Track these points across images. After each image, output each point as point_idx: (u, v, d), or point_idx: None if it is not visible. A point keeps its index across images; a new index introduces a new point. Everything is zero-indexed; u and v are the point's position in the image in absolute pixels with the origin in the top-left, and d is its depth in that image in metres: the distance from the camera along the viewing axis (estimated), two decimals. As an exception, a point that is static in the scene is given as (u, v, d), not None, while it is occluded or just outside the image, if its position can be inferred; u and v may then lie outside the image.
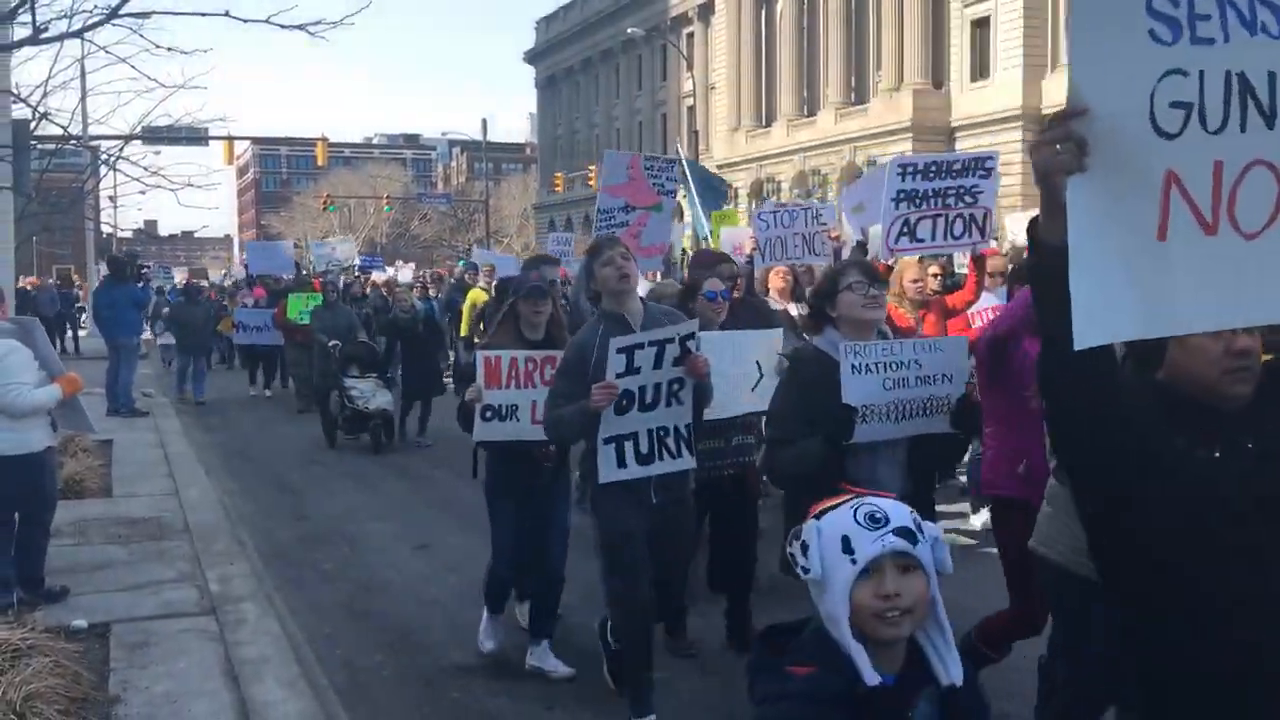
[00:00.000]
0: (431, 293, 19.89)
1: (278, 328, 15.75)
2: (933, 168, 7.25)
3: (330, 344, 12.85)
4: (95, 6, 7.94)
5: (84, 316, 27.23)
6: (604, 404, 4.22)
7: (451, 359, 15.64)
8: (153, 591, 6.43)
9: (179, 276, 32.43)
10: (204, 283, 26.97)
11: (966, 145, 41.78)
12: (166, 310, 21.12)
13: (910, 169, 7.25)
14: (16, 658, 4.74)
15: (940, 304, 7.63)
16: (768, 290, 8.25)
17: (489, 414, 5.10)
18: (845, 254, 9.28)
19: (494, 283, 13.14)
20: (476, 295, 15.16)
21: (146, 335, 19.60)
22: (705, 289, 5.64)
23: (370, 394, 12.21)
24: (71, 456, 9.54)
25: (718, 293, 5.67)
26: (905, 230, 7.21)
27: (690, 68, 57.74)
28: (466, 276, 18.49)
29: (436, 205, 73.13)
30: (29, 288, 25.98)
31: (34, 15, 8.08)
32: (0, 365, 5.78)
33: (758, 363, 5.50)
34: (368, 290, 18.86)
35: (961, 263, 9.69)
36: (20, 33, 8.97)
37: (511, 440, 5.17)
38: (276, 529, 8.58)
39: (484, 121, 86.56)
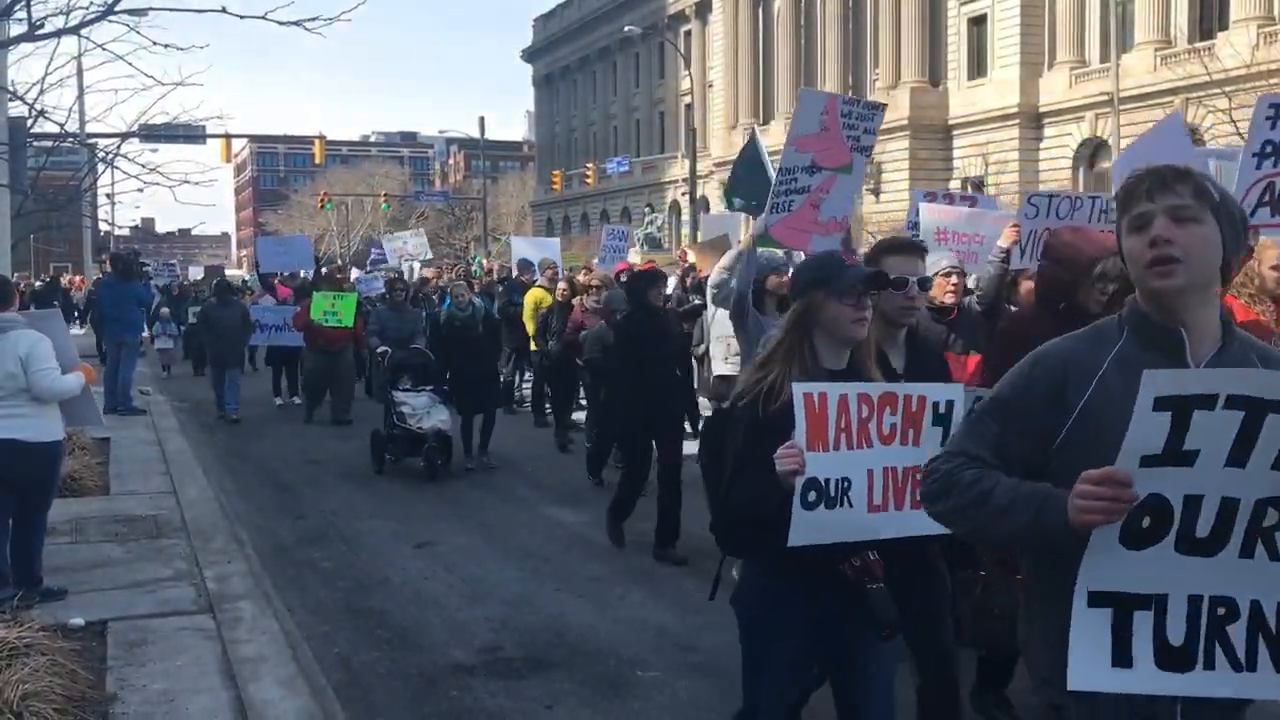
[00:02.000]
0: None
1: (297, 329, 14.16)
2: None
3: (379, 350, 11.28)
4: (91, 3, 7.91)
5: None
6: (1107, 516, 1.98)
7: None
8: (150, 589, 6.41)
9: (193, 274, 31.86)
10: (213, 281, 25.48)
11: (964, 143, 41.94)
12: (165, 310, 21.08)
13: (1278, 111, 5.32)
14: (14, 656, 4.73)
15: None
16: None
17: (813, 496, 2.90)
18: None
19: (617, 275, 11.38)
20: (538, 295, 13.09)
21: (145, 334, 19.49)
22: None
23: (424, 411, 10.40)
24: (69, 454, 9.50)
25: None
26: (1268, 198, 5.27)
27: (688, 66, 57.79)
28: (524, 277, 15.34)
29: (434, 203, 73.13)
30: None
31: (30, 11, 8.07)
32: (32, 352, 5.96)
33: None
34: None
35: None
36: (16, 29, 8.95)
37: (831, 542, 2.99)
38: (274, 527, 8.56)
39: (481, 119, 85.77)
